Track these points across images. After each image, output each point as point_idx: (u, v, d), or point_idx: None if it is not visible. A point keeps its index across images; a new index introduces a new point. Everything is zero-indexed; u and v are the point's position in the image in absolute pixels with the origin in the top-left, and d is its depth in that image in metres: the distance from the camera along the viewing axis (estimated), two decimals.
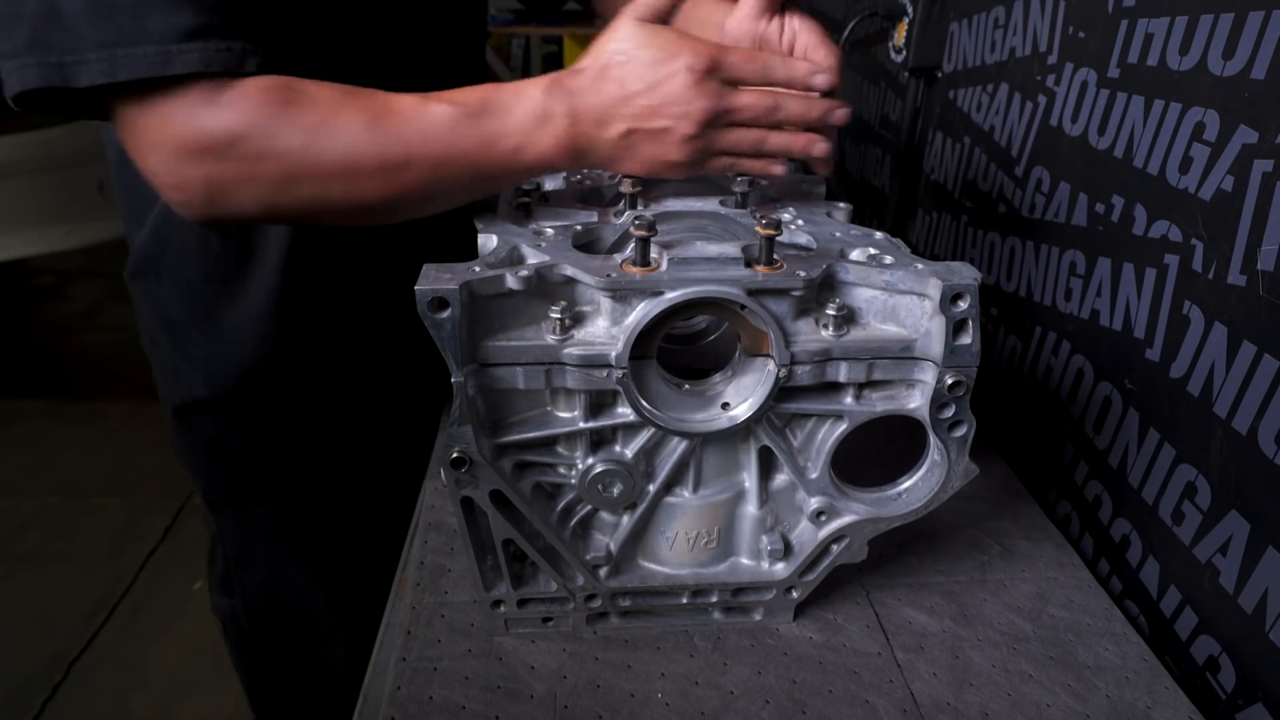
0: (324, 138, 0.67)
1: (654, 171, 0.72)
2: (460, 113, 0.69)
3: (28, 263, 3.64)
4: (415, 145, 0.68)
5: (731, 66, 0.68)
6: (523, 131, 0.69)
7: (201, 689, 2.04)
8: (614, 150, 0.70)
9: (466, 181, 0.72)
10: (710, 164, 0.72)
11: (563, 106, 0.68)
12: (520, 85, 0.70)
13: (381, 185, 0.69)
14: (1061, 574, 0.90)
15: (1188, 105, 0.80)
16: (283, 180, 0.68)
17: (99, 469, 2.77)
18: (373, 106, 0.68)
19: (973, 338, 0.64)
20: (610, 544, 0.76)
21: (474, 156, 0.69)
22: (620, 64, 0.68)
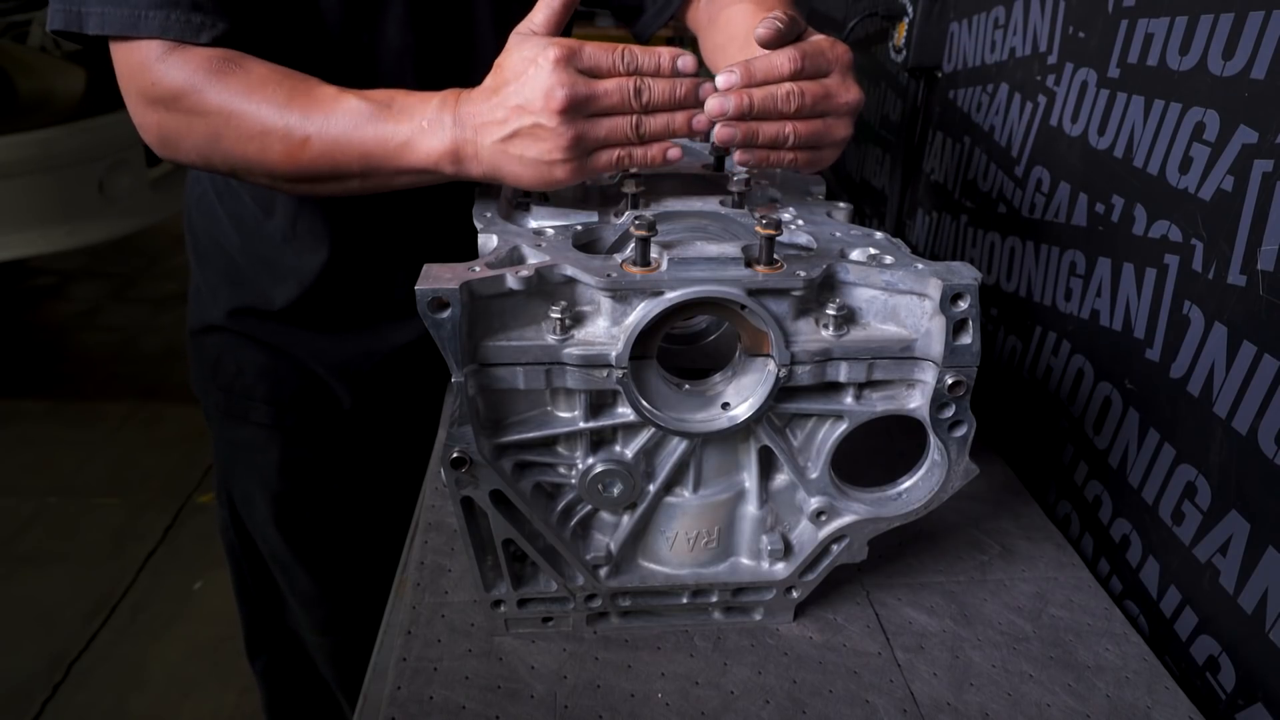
0: (246, 106, 0.78)
1: (541, 177, 0.72)
2: (366, 107, 0.76)
3: (28, 263, 3.64)
4: (316, 126, 0.77)
5: (588, 57, 0.69)
6: (411, 132, 0.75)
7: (201, 689, 2.05)
8: (496, 156, 0.72)
9: (358, 168, 0.78)
10: (596, 161, 0.72)
11: (450, 114, 0.73)
12: (426, 94, 0.76)
13: (285, 156, 0.79)
14: (1061, 574, 0.90)
15: (1188, 105, 0.80)
16: (211, 136, 0.80)
17: (99, 469, 2.78)
18: (294, 88, 0.78)
19: (973, 338, 0.64)
20: (610, 544, 0.76)
21: (366, 147, 0.76)
22: (496, 71, 0.72)
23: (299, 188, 0.84)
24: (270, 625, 1.37)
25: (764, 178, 0.90)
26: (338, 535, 1.26)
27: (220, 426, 1.23)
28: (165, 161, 3.32)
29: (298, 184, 0.83)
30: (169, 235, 4.32)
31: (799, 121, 0.75)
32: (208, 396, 1.21)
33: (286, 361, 1.15)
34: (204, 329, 1.16)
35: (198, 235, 1.15)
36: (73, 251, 3.25)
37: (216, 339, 1.15)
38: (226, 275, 1.12)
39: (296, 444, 1.19)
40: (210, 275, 1.14)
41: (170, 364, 3.36)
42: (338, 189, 0.82)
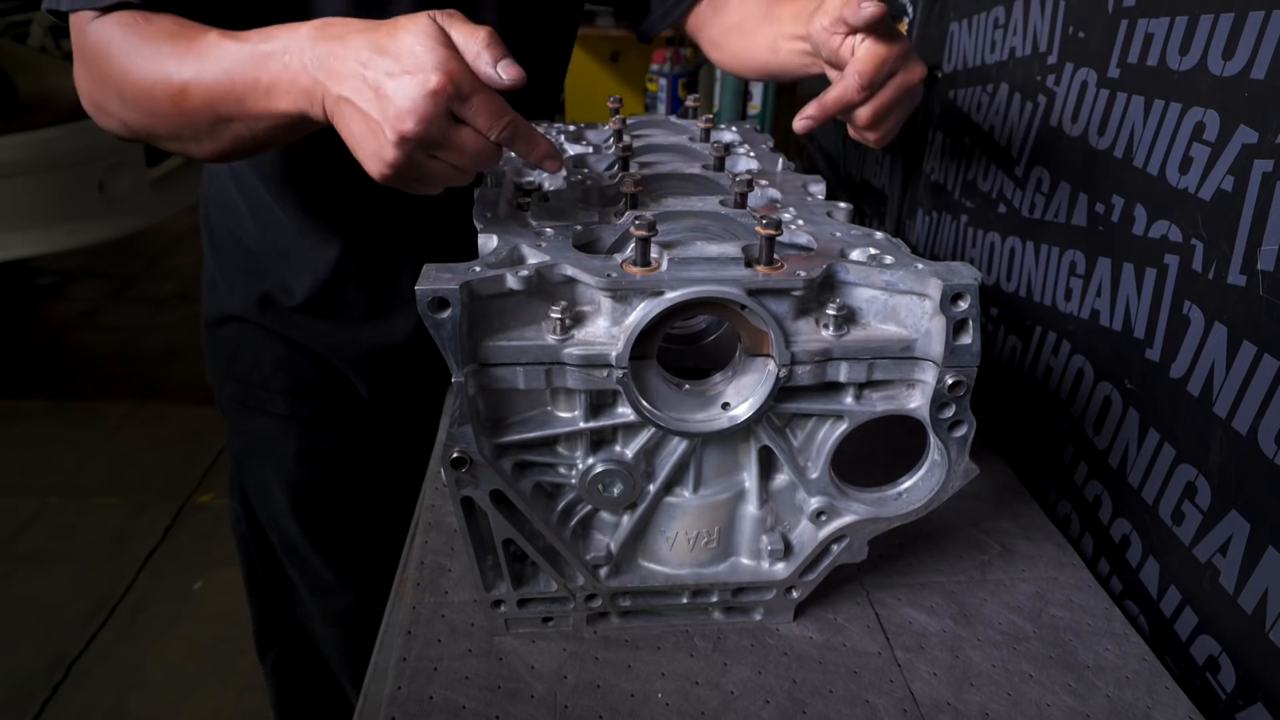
0: (136, 59, 0.77)
1: (356, 155, 0.68)
2: (238, 48, 0.72)
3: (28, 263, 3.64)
4: (192, 72, 0.74)
5: (472, 107, 0.64)
6: (278, 72, 0.70)
7: (201, 689, 2.05)
8: (333, 109, 0.67)
9: (237, 114, 0.74)
10: (410, 184, 0.69)
11: (311, 51, 0.68)
12: (298, 26, 0.70)
13: (172, 108, 0.76)
14: (1061, 574, 0.90)
15: (1188, 105, 0.80)
16: (118, 96, 0.79)
17: (99, 469, 2.78)
18: (182, 38, 0.76)
19: (973, 338, 0.64)
20: (610, 544, 0.76)
21: (237, 91, 0.72)
22: (386, 35, 0.64)
23: (204, 147, 0.80)
24: (281, 619, 1.37)
25: (764, 177, 0.90)
26: (354, 524, 1.27)
27: (235, 417, 1.22)
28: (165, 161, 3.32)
29: (199, 142, 0.79)
30: (169, 235, 4.33)
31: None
32: (223, 387, 1.20)
33: (304, 352, 1.15)
34: (220, 319, 1.16)
35: (213, 226, 1.15)
36: (73, 251, 3.25)
37: (233, 330, 1.15)
38: (244, 266, 1.12)
39: (314, 434, 1.20)
40: (227, 266, 1.14)
41: (170, 364, 3.36)
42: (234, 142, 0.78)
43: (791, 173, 0.93)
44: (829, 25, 0.83)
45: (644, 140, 1.00)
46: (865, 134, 0.86)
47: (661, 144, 1.00)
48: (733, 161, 0.93)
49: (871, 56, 0.80)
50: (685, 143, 0.99)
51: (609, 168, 0.93)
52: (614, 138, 0.97)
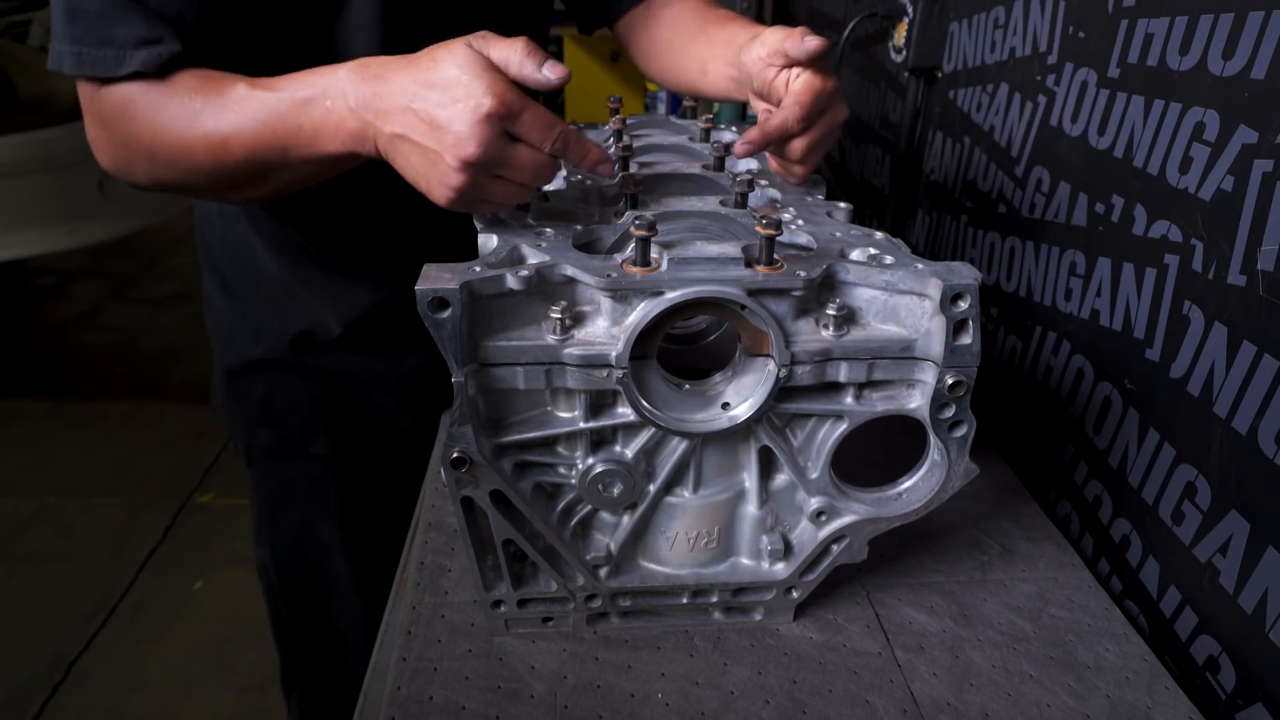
0: (166, 118, 0.77)
1: (419, 188, 0.70)
2: (273, 98, 0.73)
3: (28, 263, 3.64)
4: (231, 126, 0.75)
5: (524, 124, 0.66)
6: (321, 117, 0.72)
7: (201, 689, 2.05)
8: (389, 146, 0.69)
9: (281, 161, 0.76)
10: (475, 206, 0.71)
11: (354, 91, 0.70)
12: (335, 69, 0.72)
13: (213, 163, 0.77)
14: (1061, 574, 0.90)
15: (1188, 105, 0.80)
16: (148, 156, 0.79)
17: (99, 469, 2.78)
18: (211, 91, 0.76)
19: (973, 338, 0.64)
20: (610, 544, 0.76)
21: (282, 140, 0.74)
22: (427, 69, 0.66)
23: (245, 194, 0.82)
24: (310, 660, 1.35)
25: (764, 177, 0.90)
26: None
27: (268, 464, 1.18)
28: None
29: (240, 191, 0.81)
30: (169, 235, 4.33)
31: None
32: (254, 436, 1.16)
33: (344, 387, 1.11)
34: (246, 367, 1.11)
35: (223, 270, 1.10)
36: (73, 251, 3.25)
37: (264, 375, 1.11)
38: (271, 307, 1.08)
39: (359, 469, 1.17)
40: (249, 309, 1.09)
41: (170, 364, 3.36)
42: (279, 187, 0.80)
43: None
44: (766, 56, 0.84)
45: (644, 140, 1.00)
46: (793, 167, 0.85)
47: (661, 144, 1.00)
48: (733, 162, 0.93)
49: (809, 89, 0.80)
50: (685, 143, 0.99)
51: None
52: (614, 138, 0.97)
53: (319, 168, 0.77)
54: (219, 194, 0.84)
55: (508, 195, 0.70)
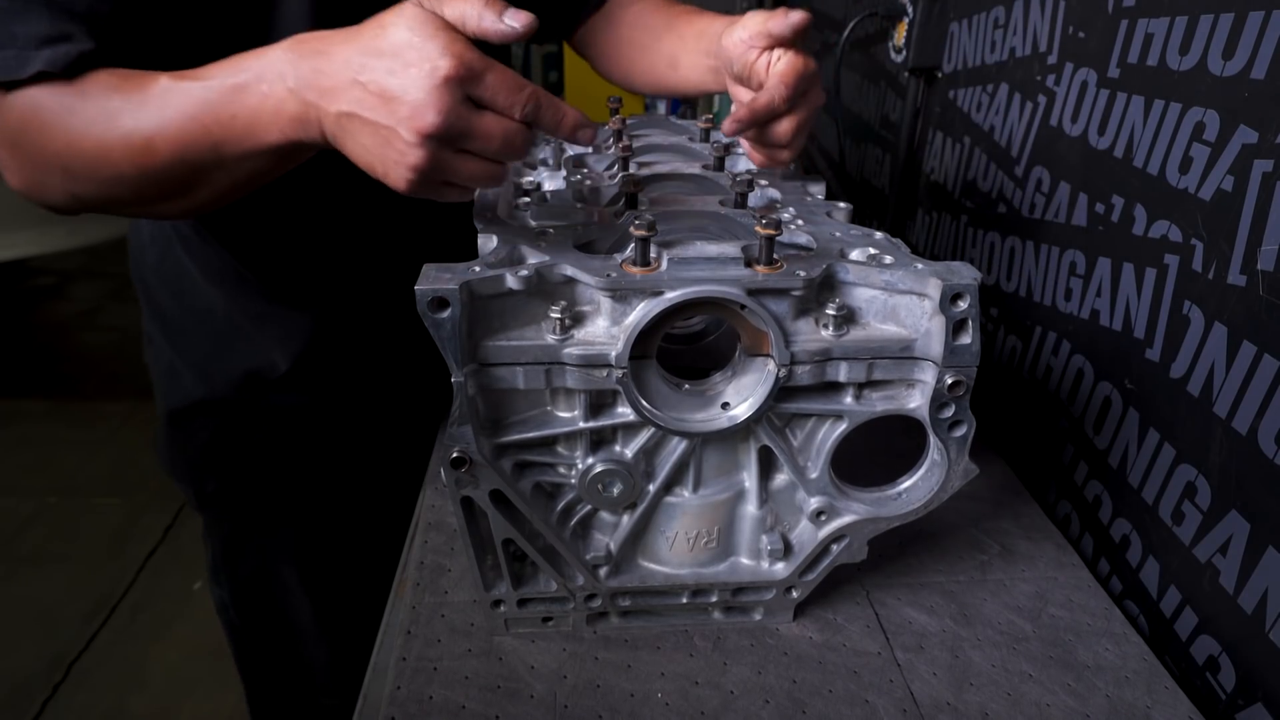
0: (79, 124, 0.67)
1: (375, 174, 0.62)
2: (201, 88, 0.64)
3: (28, 263, 3.64)
4: (153, 126, 0.65)
5: (489, 86, 0.58)
6: (256, 105, 0.63)
7: (201, 689, 2.04)
8: (336, 129, 0.61)
9: (213, 160, 0.66)
10: (440, 190, 0.63)
11: (292, 69, 0.61)
12: (268, 49, 0.64)
13: (136, 169, 0.67)
14: (1061, 574, 0.90)
15: (1188, 105, 0.80)
16: (60, 164, 0.69)
17: (99, 469, 2.77)
18: (130, 88, 0.67)
19: (973, 338, 0.64)
20: (610, 544, 0.76)
21: (214, 136, 0.65)
22: (374, 36, 0.59)
23: (178, 205, 0.72)
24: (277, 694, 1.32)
25: (763, 177, 0.90)
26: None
27: (219, 511, 1.11)
28: None
29: (172, 200, 0.71)
30: None
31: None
32: (202, 485, 1.08)
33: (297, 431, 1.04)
34: (188, 410, 1.02)
35: (160, 303, 1.00)
36: (73, 251, 3.25)
37: (209, 420, 1.02)
38: (214, 343, 0.98)
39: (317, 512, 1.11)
40: (189, 347, 1.00)
41: None
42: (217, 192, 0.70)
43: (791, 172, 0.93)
44: (748, 39, 0.83)
45: (644, 140, 1.00)
46: (778, 152, 0.83)
47: (661, 144, 1.00)
48: (733, 161, 0.93)
49: (793, 69, 0.79)
50: (685, 143, 0.99)
51: (609, 168, 0.93)
52: (614, 138, 0.97)
53: (260, 164, 0.68)
54: (148, 206, 0.73)
55: (476, 174, 0.62)
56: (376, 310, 0.99)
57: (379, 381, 1.08)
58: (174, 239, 0.95)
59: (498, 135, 0.60)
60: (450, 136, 0.58)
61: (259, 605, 1.20)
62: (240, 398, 1.00)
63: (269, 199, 0.78)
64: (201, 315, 0.97)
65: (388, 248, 0.95)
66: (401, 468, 1.13)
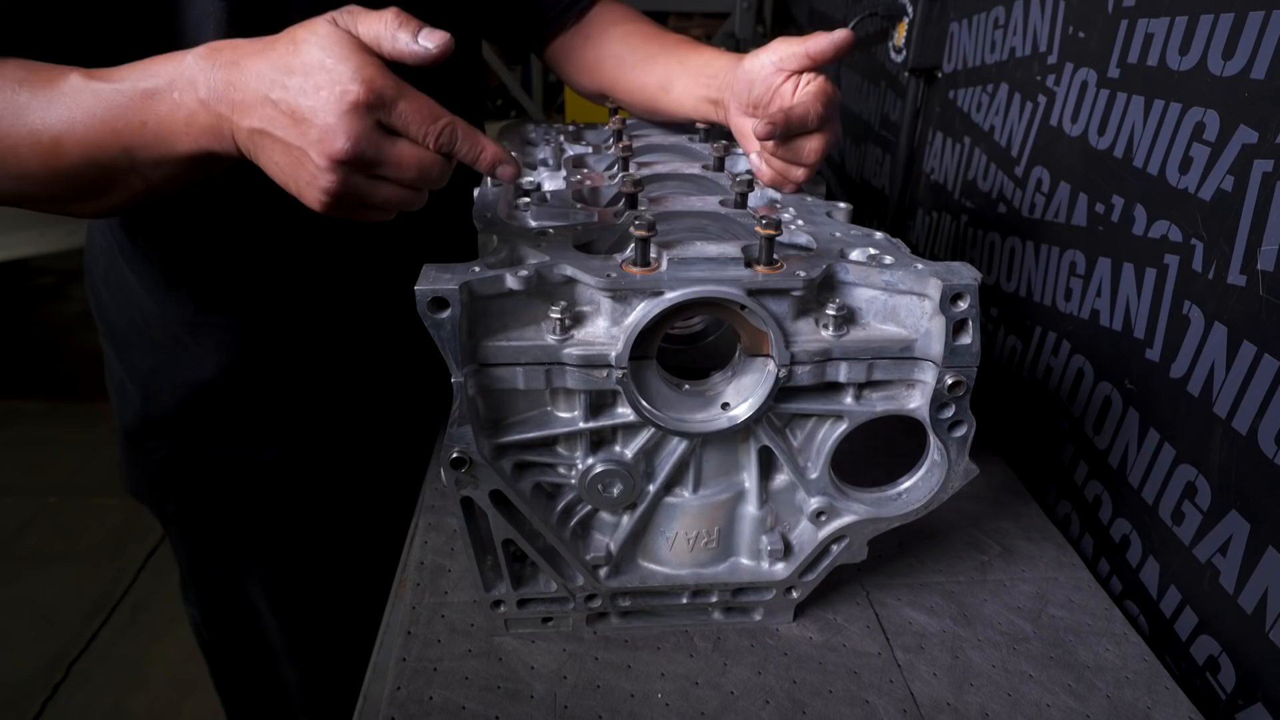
0: None
1: (287, 189, 0.61)
2: (112, 91, 0.62)
3: (28, 263, 3.64)
4: (62, 124, 0.63)
5: (400, 115, 0.57)
6: (167, 112, 0.61)
7: (201, 689, 2.04)
8: (248, 143, 0.60)
9: (127, 164, 0.65)
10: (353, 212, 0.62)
11: (205, 78, 0.60)
12: (181, 55, 0.62)
13: (44, 167, 0.65)
14: (1061, 574, 0.90)
15: (1188, 105, 0.80)
16: None
17: (99, 469, 2.77)
18: (39, 83, 0.64)
19: (973, 338, 0.64)
20: (610, 544, 0.76)
21: (125, 140, 0.63)
22: (287, 52, 0.58)
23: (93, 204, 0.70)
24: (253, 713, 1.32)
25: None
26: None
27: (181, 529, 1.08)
28: None
29: (86, 200, 0.69)
30: None
31: None
32: (162, 505, 1.05)
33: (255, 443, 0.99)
34: (141, 429, 0.99)
35: (110, 317, 0.98)
36: (73, 251, 3.24)
37: (161, 440, 0.99)
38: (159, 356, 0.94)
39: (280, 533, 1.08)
40: (138, 364, 0.96)
41: None
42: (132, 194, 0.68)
43: None
44: (778, 61, 0.82)
45: (644, 140, 1.00)
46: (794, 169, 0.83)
47: (661, 144, 1.00)
48: (733, 161, 0.93)
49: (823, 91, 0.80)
50: (685, 143, 1.00)
51: (609, 168, 0.93)
52: (614, 138, 0.97)
53: (174, 170, 0.66)
54: (61, 205, 0.71)
55: (391, 199, 0.61)
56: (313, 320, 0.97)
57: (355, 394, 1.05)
58: (116, 249, 0.93)
59: (412, 163, 0.59)
60: (362, 162, 0.58)
61: (228, 625, 1.18)
62: (185, 414, 0.97)
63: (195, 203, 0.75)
64: (141, 328, 0.95)
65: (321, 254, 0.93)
66: (401, 468, 1.13)
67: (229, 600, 1.15)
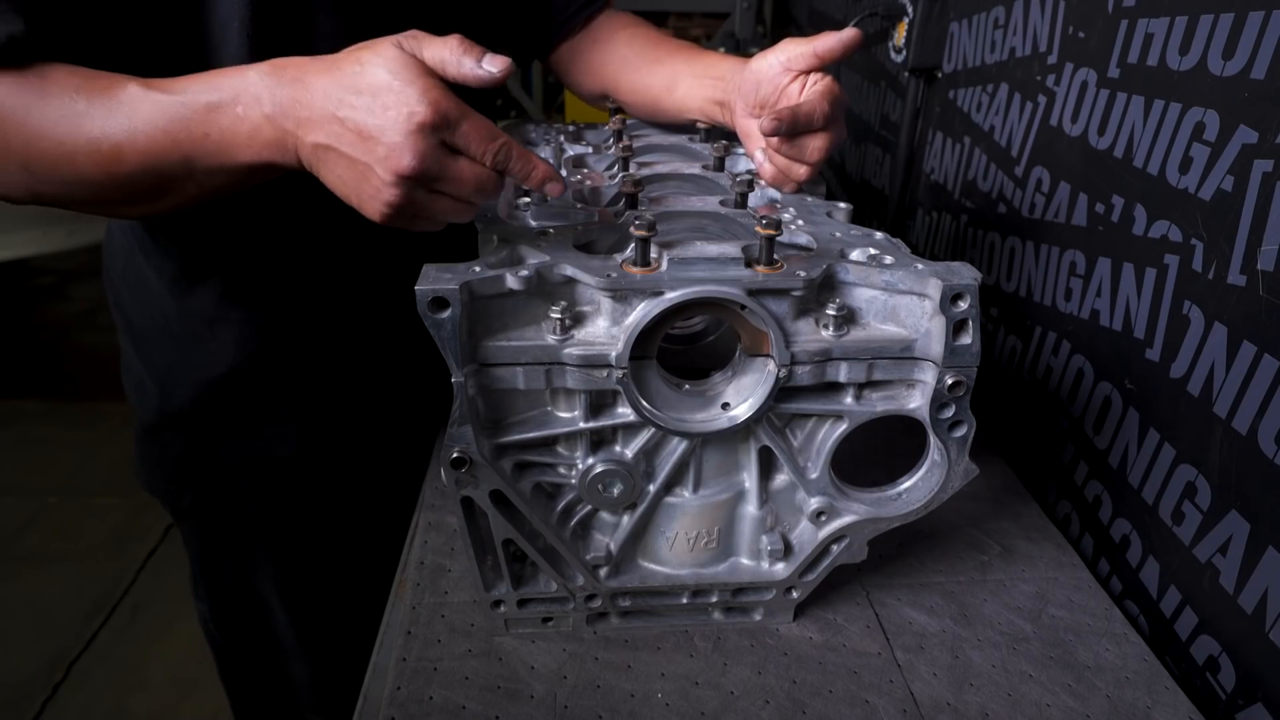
0: (42, 123, 0.66)
1: (351, 204, 0.64)
2: (174, 103, 0.65)
3: (28, 263, 3.64)
4: (122, 133, 0.66)
5: (463, 134, 0.61)
6: (229, 125, 0.65)
7: (201, 689, 2.04)
8: (314, 158, 0.64)
9: (184, 173, 0.67)
10: (413, 223, 0.65)
11: (269, 95, 0.63)
12: (244, 70, 0.65)
13: (102, 173, 0.67)
14: (1061, 574, 0.90)
15: (1188, 105, 0.80)
16: (21, 166, 0.68)
17: (99, 469, 2.77)
18: (96, 91, 0.67)
19: (973, 338, 0.64)
20: (610, 544, 0.76)
21: (183, 149, 0.66)
22: (353, 73, 0.61)
23: (143, 208, 0.73)
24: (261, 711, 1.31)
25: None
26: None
27: (195, 524, 1.10)
28: None
29: (137, 205, 0.72)
30: None
31: None
32: (178, 500, 1.07)
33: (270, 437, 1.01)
34: (159, 424, 1.00)
35: (129, 313, 1.00)
36: (73, 251, 3.25)
37: (179, 434, 1.01)
38: (175, 352, 0.96)
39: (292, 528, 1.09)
40: (156, 360, 0.98)
41: None
42: (179, 202, 0.71)
43: None
44: (786, 61, 0.83)
45: (644, 140, 1.00)
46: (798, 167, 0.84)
47: (661, 144, 1.00)
48: (733, 161, 0.93)
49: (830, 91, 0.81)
50: (685, 143, 0.99)
51: (609, 168, 0.93)
52: (614, 138, 0.97)
53: (231, 179, 0.69)
54: (110, 208, 0.74)
55: (448, 212, 0.65)
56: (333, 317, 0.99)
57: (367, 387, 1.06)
58: (135, 247, 0.95)
59: (470, 179, 0.63)
60: (424, 178, 0.61)
61: (238, 621, 1.19)
62: (201, 408, 0.98)
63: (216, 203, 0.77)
64: (160, 324, 0.96)
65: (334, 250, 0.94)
66: (401, 468, 1.13)
67: (239, 596, 1.15)
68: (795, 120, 0.78)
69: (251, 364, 0.96)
